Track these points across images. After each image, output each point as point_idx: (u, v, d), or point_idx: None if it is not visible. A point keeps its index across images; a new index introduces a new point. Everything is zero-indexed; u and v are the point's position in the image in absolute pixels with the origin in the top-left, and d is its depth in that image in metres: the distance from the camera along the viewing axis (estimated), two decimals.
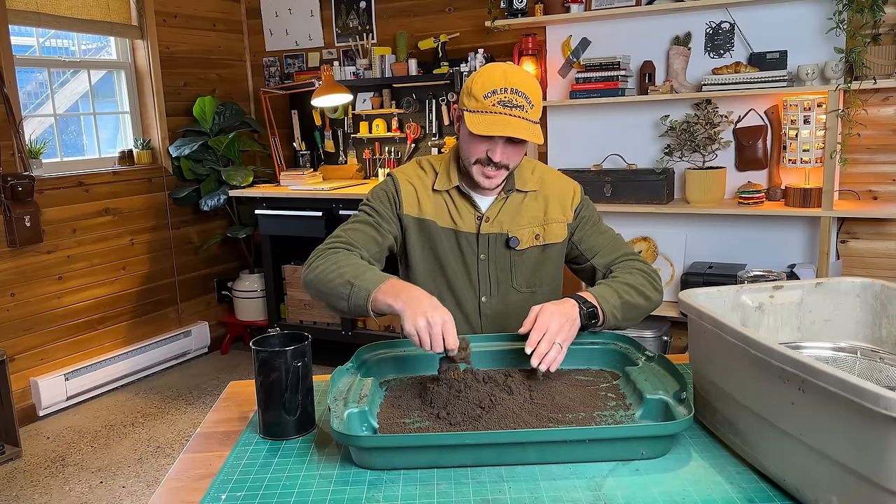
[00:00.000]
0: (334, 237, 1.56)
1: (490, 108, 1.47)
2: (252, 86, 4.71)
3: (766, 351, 0.95)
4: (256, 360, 1.21)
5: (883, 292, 1.23)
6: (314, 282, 1.45)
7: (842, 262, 3.21)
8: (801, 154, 3.05)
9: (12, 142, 3.36)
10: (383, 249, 1.60)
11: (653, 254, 3.49)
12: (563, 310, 1.35)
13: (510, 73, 1.49)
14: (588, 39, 3.57)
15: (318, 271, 1.45)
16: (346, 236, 1.55)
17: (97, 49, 4.02)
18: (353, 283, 1.36)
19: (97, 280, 3.82)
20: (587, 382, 1.33)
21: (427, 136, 4.12)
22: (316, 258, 1.50)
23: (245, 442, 1.22)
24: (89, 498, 2.77)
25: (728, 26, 3.26)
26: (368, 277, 1.37)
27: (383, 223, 1.60)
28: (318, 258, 1.49)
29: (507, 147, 1.52)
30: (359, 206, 1.66)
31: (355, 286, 1.36)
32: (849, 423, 0.83)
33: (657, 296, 1.53)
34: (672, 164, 3.39)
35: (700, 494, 1.00)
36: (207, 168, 4.18)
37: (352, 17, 4.25)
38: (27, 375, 3.48)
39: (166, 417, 3.48)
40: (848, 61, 2.91)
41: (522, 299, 1.65)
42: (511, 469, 1.08)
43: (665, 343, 3.36)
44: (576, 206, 1.66)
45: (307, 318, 3.99)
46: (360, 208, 1.64)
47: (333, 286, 1.40)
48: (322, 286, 1.43)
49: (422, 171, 1.68)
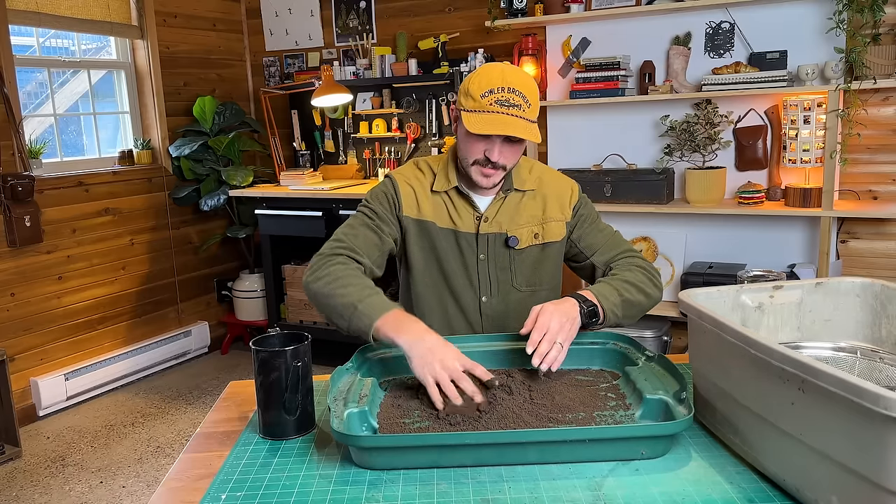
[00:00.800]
0: (337, 241, 1.55)
1: (487, 107, 1.47)
2: (252, 86, 4.71)
3: (766, 351, 0.95)
4: (256, 360, 1.21)
5: (883, 292, 1.23)
6: (317, 294, 1.45)
7: (842, 262, 3.21)
8: (801, 154, 3.05)
9: (12, 142, 3.36)
10: (384, 254, 1.60)
11: (653, 254, 3.49)
12: (564, 309, 1.35)
13: (507, 72, 1.50)
14: (588, 39, 3.57)
15: (321, 283, 1.45)
16: (348, 241, 1.54)
17: (97, 49, 4.02)
18: (357, 307, 1.36)
19: (97, 280, 3.82)
20: (587, 382, 1.33)
21: (427, 136, 4.12)
22: (320, 266, 1.49)
23: (245, 442, 1.22)
24: (89, 498, 2.77)
25: (728, 26, 3.26)
26: (372, 303, 1.36)
27: (383, 226, 1.60)
28: (322, 267, 1.48)
29: (504, 147, 1.52)
30: (357, 207, 1.66)
31: (358, 310, 1.36)
32: (849, 423, 0.83)
33: (657, 293, 1.53)
34: (672, 164, 3.39)
35: (700, 494, 1.00)
36: (207, 168, 4.18)
37: (352, 16, 4.25)
38: (27, 375, 3.49)
39: (166, 417, 3.48)
40: (848, 61, 2.91)
41: (522, 298, 1.65)
42: (511, 469, 1.08)
43: (665, 343, 3.36)
44: (574, 204, 1.66)
45: (307, 318, 3.99)
46: (359, 209, 1.64)
47: (336, 305, 1.40)
48: (324, 300, 1.43)
49: (420, 172, 1.68)
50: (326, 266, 1.48)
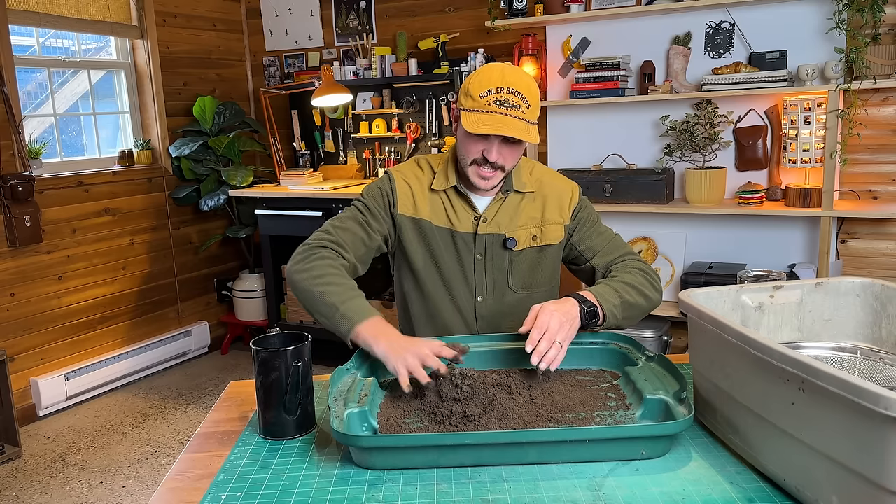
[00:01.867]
0: (324, 232, 1.56)
1: (486, 107, 1.47)
2: (252, 86, 4.71)
3: (766, 351, 0.95)
4: (256, 360, 1.21)
5: (883, 292, 1.23)
6: (298, 286, 1.47)
7: (842, 262, 3.21)
8: (801, 154, 3.05)
9: (12, 142, 3.36)
10: (370, 251, 1.61)
11: (653, 254, 3.49)
12: (564, 308, 1.35)
13: (507, 72, 1.50)
14: (588, 39, 3.57)
15: (304, 276, 1.46)
16: (335, 235, 1.55)
17: (97, 49, 4.02)
18: (338, 309, 1.38)
19: (97, 280, 3.82)
20: (587, 382, 1.33)
21: (427, 136, 4.12)
22: (305, 257, 1.50)
23: (245, 442, 1.22)
24: (89, 498, 2.77)
25: (728, 26, 3.26)
26: (354, 307, 1.38)
27: (373, 223, 1.60)
28: (307, 259, 1.49)
29: (503, 147, 1.52)
30: (353, 201, 1.66)
31: (339, 311, 1.38)
32: (849, 423, 0.83)
33: (657, 295, 1.54)
34: (672, 164, 3.39)
35: (700, 494, 1.00)
36: (207, 168, 4.18)
37: (352, 16, 4.25)
38: (27, 375, 3.48)
39: (166, 417, 3.48)
40: (848, 61, 2.91)
41: (518, 300, 1.65)
42: (511, 469, 1.08)
43: (665, 343, 3.36)
44: (573, 207, 1.66)
45: (307, 318, 3.99)
46: (353, 203, 1.65)
47: (317, 302, 1.42)
48: (305, 295, 1.45)
49: (420, 170, 1.68)
50: (311, 259, 1.49)
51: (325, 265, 1.47)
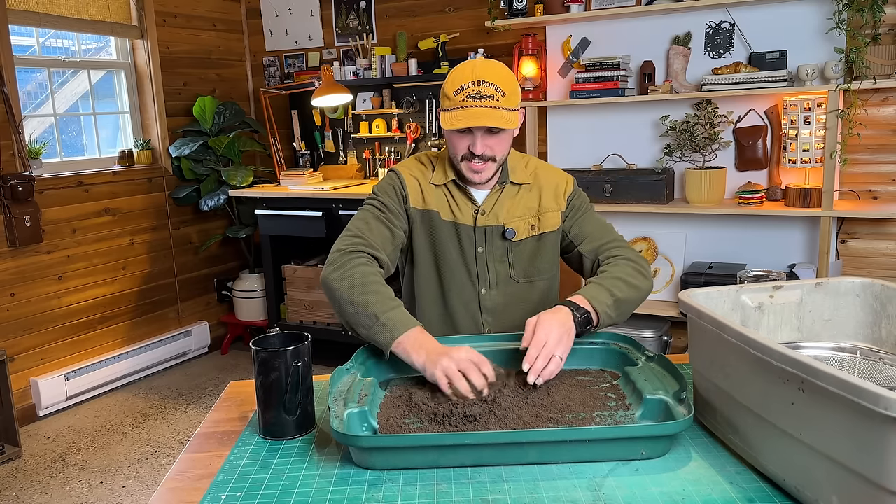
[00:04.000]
0: (354, 236, 1.54)
1: (461, 102, 1.50)
2: (252, 86, 4.71)
3: (766, 351, 0.95)
4: (256, 360, 1.21)
5: (883, 292, 1.23)
6: (337, 294, 1.43)
7: (842, 262, 3.21)
8: (801, 154, 3.05)
9: (12, 142, 3.36)
10: (397, 248, 1.61)
11: (653, 254, 3.50)
12: (560, 320, 1.35)
13: (478, 66, 1.53)
14: (588, 39, 3.57)
15: (344, 284, 1.42)
16: (365, 237, 1.53)
17: (97, 49, 4.02)
18: (379, 318, 1.36)
19: (97, 280, 3.82)
20: (587, 382, 1.33)
21: (427, 136, 4.12)
22: (342, 264, 1.46)
23: (245, 442, 1.22)
24: (89, 498, 2.77)
25: (728, 26, 3.26)
26: (395, 318, 1.36)
27: (394, 220, 1.61)
28: (345, 266, 1.46)
29: (487, 138, 1.55)
30: (365, 200, 1.65)
31: (380, 321, 1.35)
32: (849, 423, 0.83)
33: (647, 283, 1.54)
34: (672, 164, 3.39)
35: (700, 494, 1.00)
36: (207, 168, 4.18)
37: (352, 17, 4.25)
38: (27, 375, 3.48)
39: (166, 417, 3.48)
40: (848, 61, 2.91)
41: (521, 290, 1.67)
42: (511, 469, 1.08)
43: (665, 343, 3.36)
44: (568, 194, 1.68)
45: (307, 318, 3.99)
46: (368, 203, 1.64)
47: (357, 312, 1.39)
48: (344, 304, 1.41)
49: (421, 164, 1.70)
50: (349, 266, 1.45)
51: (364, 272, 1.44)
